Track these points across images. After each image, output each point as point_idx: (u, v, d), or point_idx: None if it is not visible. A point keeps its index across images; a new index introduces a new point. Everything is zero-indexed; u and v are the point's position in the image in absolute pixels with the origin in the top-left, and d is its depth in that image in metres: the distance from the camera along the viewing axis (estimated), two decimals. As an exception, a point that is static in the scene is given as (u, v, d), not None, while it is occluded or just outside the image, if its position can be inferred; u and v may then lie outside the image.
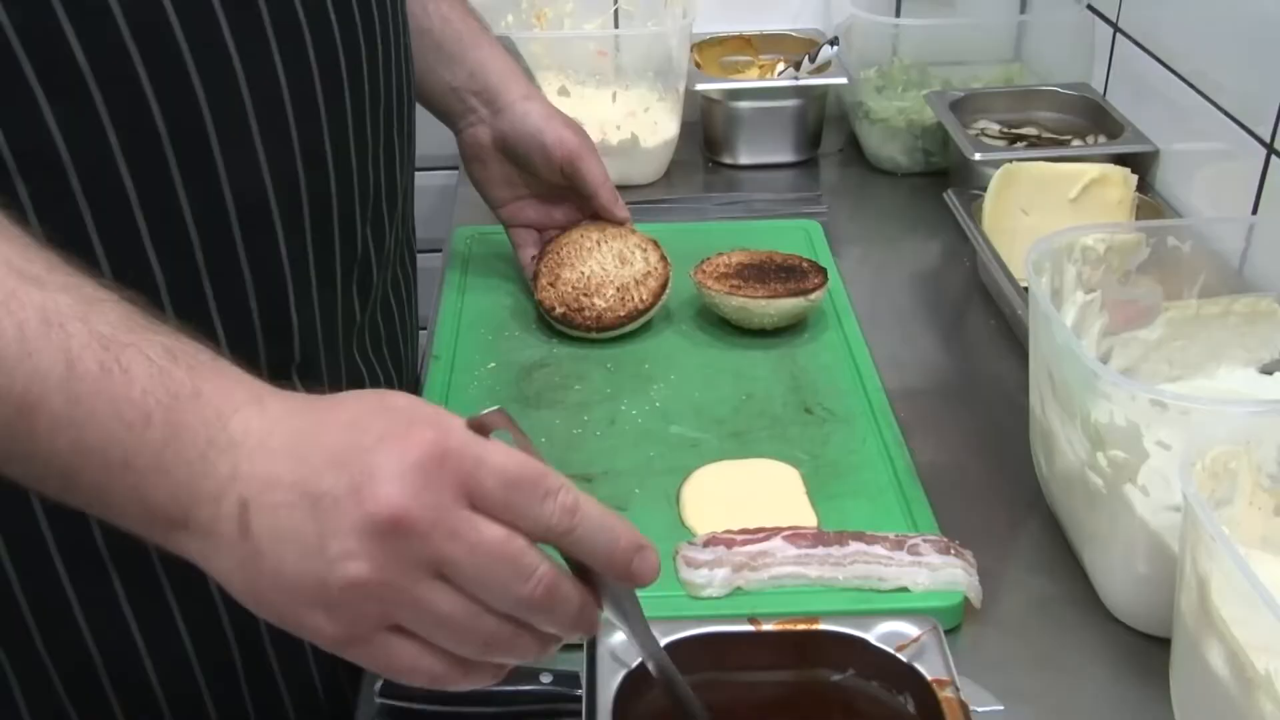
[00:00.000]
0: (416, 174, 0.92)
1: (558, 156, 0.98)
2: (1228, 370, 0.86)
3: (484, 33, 1.02)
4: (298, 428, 0.49)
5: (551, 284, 0.98)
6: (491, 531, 0.47)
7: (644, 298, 0.98)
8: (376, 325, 0.86)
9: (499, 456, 0.48)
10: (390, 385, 0.88)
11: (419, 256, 0.96)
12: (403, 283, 0.92)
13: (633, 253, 1.00)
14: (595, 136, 1.08)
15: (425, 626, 0.48)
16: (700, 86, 1.33)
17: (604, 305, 0.97)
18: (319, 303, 0.74)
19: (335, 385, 0.76)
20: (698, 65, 1.39)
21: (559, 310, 0.97)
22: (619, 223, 1.02)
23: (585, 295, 0.97)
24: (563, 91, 1.30)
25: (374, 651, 0.48)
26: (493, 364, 0.97)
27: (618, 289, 0.98)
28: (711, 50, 1.45)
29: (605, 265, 0.99)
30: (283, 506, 0.47)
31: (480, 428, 0.50)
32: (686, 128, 1.35)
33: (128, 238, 0.64)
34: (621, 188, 1.04)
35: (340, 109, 0.72)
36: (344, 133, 0.73)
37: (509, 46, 1.11)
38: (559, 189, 1.02)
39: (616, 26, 1.40)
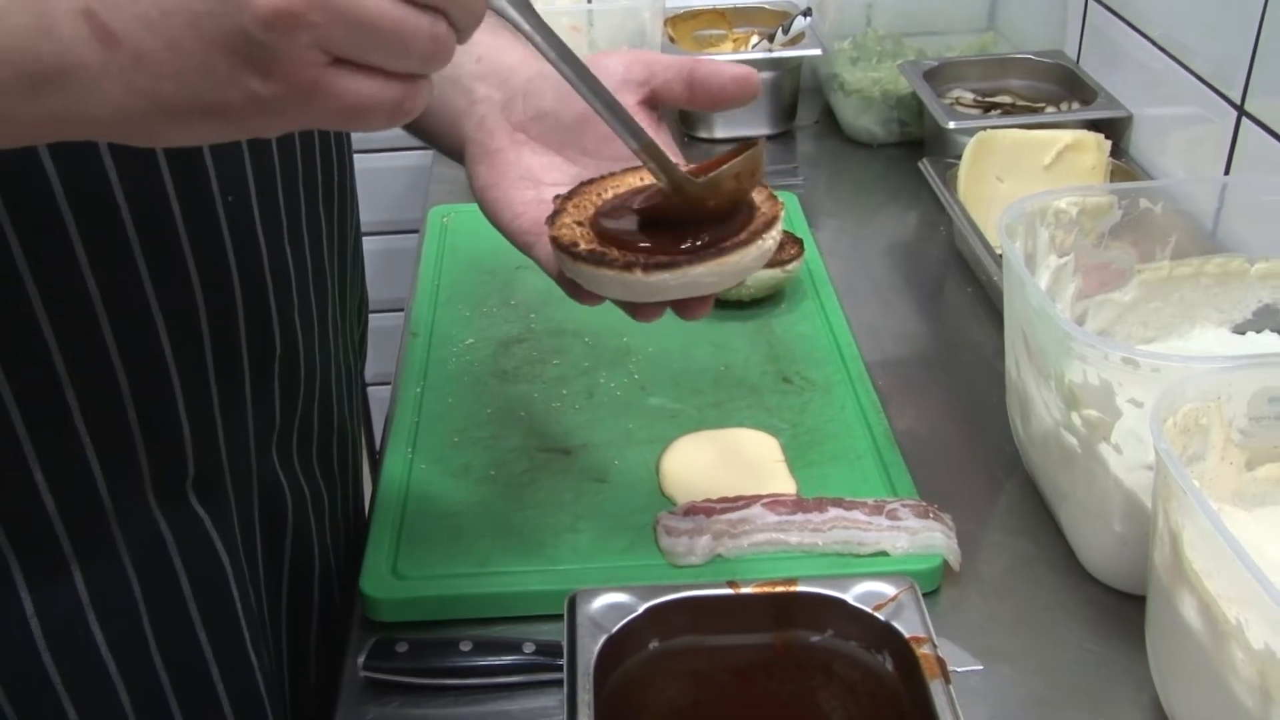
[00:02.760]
0: (391, 154, 0.89)
1: (620, 58, 0.65)
2: (1201, 331, 0.87)
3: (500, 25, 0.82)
4: None
5: (579, 222, 0.60)
6: None
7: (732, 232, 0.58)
8: (309, 429, 0.75)
9: None
10: (317, 501, 0.77)
11: (397, 237, 0.93)
12: (344, 377, 0.80)
13: None
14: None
15: (363, 43, 0.43)
16: (674, 60, 1.33)
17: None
18: (220, 406, 0.65)
19: (245, 503, 0.67)
20: (671, 39, 1.39)
21: (582, 246, 0.58)
22: (744, 94, 0.62)
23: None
24: (537, 68, 1.30)
25: (326, 96, 0.43)
26: (471, 340, 0.97)
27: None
28: (685, 24, 1.45)
29: None
30: None
31: None
32: (661, 102, 1.35)
33: None
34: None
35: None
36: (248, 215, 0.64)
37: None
38: (593, 150, 0.66)
39: (589, 1, 1.40)
